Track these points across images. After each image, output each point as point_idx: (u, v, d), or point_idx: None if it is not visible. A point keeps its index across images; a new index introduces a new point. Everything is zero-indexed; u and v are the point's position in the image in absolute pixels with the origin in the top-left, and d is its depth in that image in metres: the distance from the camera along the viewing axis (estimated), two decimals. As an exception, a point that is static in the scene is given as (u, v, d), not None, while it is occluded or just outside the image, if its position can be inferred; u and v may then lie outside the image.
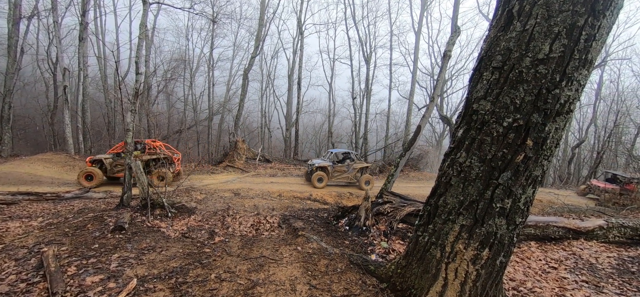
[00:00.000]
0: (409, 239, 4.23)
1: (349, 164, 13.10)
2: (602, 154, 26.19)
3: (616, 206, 13.87)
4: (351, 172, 12.98)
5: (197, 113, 24.08)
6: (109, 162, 10.43)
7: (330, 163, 12.91)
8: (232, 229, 5.35)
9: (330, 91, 28.21)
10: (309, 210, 7.30)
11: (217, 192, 9.92)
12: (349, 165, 13.06)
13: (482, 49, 1.77)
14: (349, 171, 12.96)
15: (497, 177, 1.68)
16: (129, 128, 5.37)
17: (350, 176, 12.99)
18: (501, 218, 1.74)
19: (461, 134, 1.83)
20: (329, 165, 12.70)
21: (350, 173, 12.96)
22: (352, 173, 12.99)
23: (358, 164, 13.24)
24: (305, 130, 34.74)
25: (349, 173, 12.95)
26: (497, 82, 1.63)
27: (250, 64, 19.98)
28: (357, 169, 13.11)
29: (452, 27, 5.13)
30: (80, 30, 15.73)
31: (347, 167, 13.00)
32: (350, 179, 13.05)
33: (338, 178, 12.91)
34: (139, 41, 5.58)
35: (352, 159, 13.46)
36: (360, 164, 13.29)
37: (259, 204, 9.12)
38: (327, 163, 12.80)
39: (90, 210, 5.77)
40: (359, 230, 4.19)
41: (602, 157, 26.32)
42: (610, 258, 5.15)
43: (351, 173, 12.98)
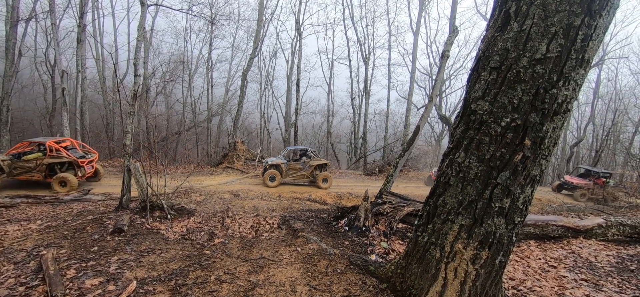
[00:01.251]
0: (408, 239, 4.24)
1: (305, 162, 12.61)
2: (600, 153, 26.27)
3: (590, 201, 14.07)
4: (307, 169, 12.51)
5: (196, 114, 24.07)
6: (7, 163, 9.34)
7: (284, 161, 12.49)
8: (232, 231, 5.34)
9: (329, 92, 28.24)
10: (308, 211, 7.30)
11: (216, 194, 9.91)
12: (304, 162, 12.59)
13: (480, 49, 1.77)
14: (305, 168, 12.51)
15: (495, 177, 1.69)
16: (128, 130, 5.37)
17: (306, 174, 12.52)
18: (500, 217, 1.75)
19: (460, 134, 1.84)
20: (283, 162, 12.30)
21: (306, 170, 12.50)
22: (308, 170, 12.50)
23: (315, 161, 12.69)
24: (305, 131, 34.76)
25: (305, 171, 12.49)
26: (495, 82, 1.64)
27: (249, 65, 19.97)
28: (314, 167, 12.59)
29: (450, 27, 5.15)
30: (79, 32, 15.70)
31: (303, 165, 12.56)
32: (307, 176, 12.59)
33: (293, 176, 12.49)
34: (137, 43, 5.58)
35: (308, 156, 12.92)
36: (317, 161, 12.74)
37: (258, 205, 9.11)
38: (280, 161, 12.37)
39: (89, 212, 5.75)
40: (358, 230, 4.19)
41: (600, 156, 26.40)
42: (610, 256, 5.16)
43: (307, 170, 12.50)
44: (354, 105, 25.69)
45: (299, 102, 22.31)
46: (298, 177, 12.51)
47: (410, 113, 24.88)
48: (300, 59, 19.77)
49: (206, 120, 24.70)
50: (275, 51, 28.44)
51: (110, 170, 14.40)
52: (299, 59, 19.77)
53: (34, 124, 23.86)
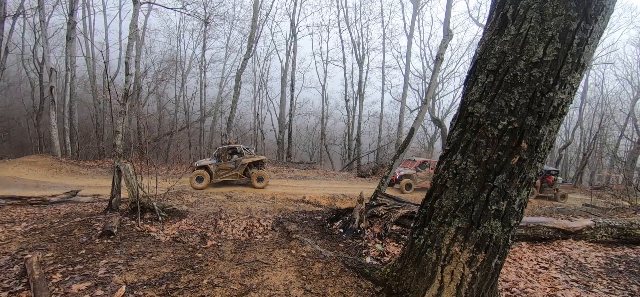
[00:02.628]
0: (404, 241, 4.24)
1: (237, 160, 11.97)
2: (588, 156, 26.91)
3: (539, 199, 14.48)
4: (239, 168, 11.89)
5: (188, 115, 23.80)
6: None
7: (214, 161, 11.88)
8: (225, 233, 5.27)
9: (324, 93, 28.26)
10: (302, 212, 7.26)
11: (209, 195, 9.79)
12: (236, 161, 11.96)
13: (477, 52, 1.78)
14: (237, 167, 11.90)
15: (492, 180, 1.69)
16: (118, 130, 5.25)
17: (239, 173, 11.92)
18: (496, 220, 1.75)
19: (456, 137, 1.84)
20: (212, 163, 11.73)
21: (238, 169, 11.89)
22: (241, 169, 11.90)
23: (247, 158, 12.07)
24: (299, 132, 34.68)
25: (237, 170, 11.89)
26: (492, 85, 1.64)
27: (243, 65, 19.86)
28: (247, 165, 11.98)
29: (444, 31, 5.20)
30: (68, 29, 15.38)
31: (234, 164, 11.93)
32: (240, 175, 11.99)
33: (225, 176, 11.87)
34: (129, 41, 5.47)
35: (240, 153, 12.21)
36: (250, 158, 12.13)
37: (251, 206, 9.03)
38: (209, 162, 11.81)
39: (77, 214, 5.60)
40: (353, 232, 4.17)
41: (588, 159, 27.05)
42: (599, 257, 5.26)
43: (239, 169, 11.89)
44: (348, 107, 25.76)
45: (294, 103, 22.27)
46: (231, 177, 11.93)
47: (404, 115, 25.07)
48: (295, 60, 19.75)
49: (199, 121, 24.44)
50: (269, 52, 28.38)
51: (99, 170, 14.11)
52: (294, 60, 19.75)
53: (20, 122, 23.26)
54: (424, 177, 13.98)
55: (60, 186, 10.39)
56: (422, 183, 13.87)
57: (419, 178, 13.87)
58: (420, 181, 13.88)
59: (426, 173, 14.03)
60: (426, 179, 13.93)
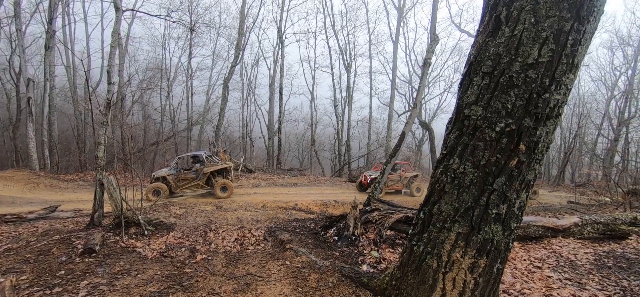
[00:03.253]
0: (401, 247, 4.20)
1: (198, 169, 11.06)
2: (569, 154, 27.89)
3: None
4: (201, 178, 10.99)
5: (175, 124, 23.30)
6: None
7: (173, 171, 10.88)
8: (215, 245, 5.09)
9: (312, 99, 28.30)
10: (294, 220, 7.13)
11: (197, 206, 9.52)
12: (198, 170, 11.05)
13: (471, 55, 1.76)
14: (199, 176, 11.00)
15: (491, 183, 1.66)
16: (100, 141, 5.03)
17: (200, 183, 10.99)
18: (497, 224, 1.72)
19: (453, 140, 1.81)
20: (170, 174, 10.74)
21: (200, 179, 10.97)
22: (203, 179, 11.00)
23: (209, 167, 11.17)
24: (288, 138, 34.50)
25: (199, 179, 10.97)
26: (488, 87, 1.62)
27: (231, 73, 19.66)
28: (209, 174, 11.09)
29: (431, 36, 5.26)
30: (47, 38, 14.85)
31: (196, 173, 11.04)
32: (202, 185, 11.05)
33: (185, 187, 10.89)
34: (112, 49, 5.28)
35: (202, 162, 11.32)
36: (213, 167, 11.24)
37: (242, 216, 8.83)
38: (167, 172, 10.81)
39: (56, 231, 5.30)
40: (348, 240, 4.10)
41: (569, 157, 28.03)
42: (588, 254, 5.36)
43: (201, 179, 10.98)
44: (337, 112, 25.86)
45: (282, 110, 22.16)
46: (192, 188, 11.01)
47: (392, 119, 25.35)
48: (282, 67, 19.70)
49: (186, 130, 23.96)
50: (257, 59, 28.26)
51: (80, 184, 13.55)
52: (282, 67, 19.70)
53: (-5, 136, 22.16)
54: (395, 180, 13.74)
55: (38, 201, 9.88)
56: (393, 186, 13.68)
57: (390, 181, 13.58)
58: (392, 183, 13.66)
59: (397, 176, 13.78)
60: (397, 182, 13.75)
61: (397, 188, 13.83)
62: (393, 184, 13.68)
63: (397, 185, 13.77)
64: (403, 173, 14.00)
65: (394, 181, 13.67)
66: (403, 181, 13.86)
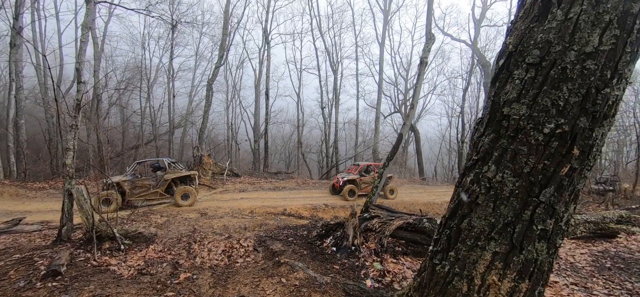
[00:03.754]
0: (403, 256, 3.95)
1: (159, 176, 10.24)
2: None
3: None
4: (161, 185, 10.10)
5: (156, 126, 22.28)
6: None
7: (129, 177, 9.92)
8: (201, 259, 4.66)
9: (299, 101, 27.92)
10: (286, 228, 6.76)
11: (180, 214, 8.95)
12: (158, 177, 10.20)
13: (508, 44, 1.51)
14: (158, 183, 10.10)
15: (537, 194, 1.40)
16: (69, 146, 4.49)
17: (159, 190, 10.09)
18: (542, 242, 1.47)
19: (488, 144, 1.55)
20: (126, 180, 9.77)
21: (159, 186, 10.09)
22: (162, 186, 10.10)
23: (171, 174, 10.34)
24: (274, 141, 33.92)
25: (159, 186, 10.09)
26: (534, 81, 1.37)
27: (215, 74, 19.00)
28: (170, 181, 10.22)
29: (427, 35, 5.11)
30: (12, 35, 13.75)
31: (155, 180, 10.14)
32: (161, 193, 10.17)
33: (142, 195, 9.95)
34: (82, 45, 4.75)
35: (163, 168, 10.53)
36: (175, 174, 10.41)
37: (229, 223, 8.36)
38: (123, 178, 9.86)
39: (16, 249, 4.69)
40: (347, 251, 3.80)
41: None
42: (584, 255, 5.33)
43: (161, 186, 10.10)
44: (324, 114, 25.61)
45: (269, 112, 21.67)
46: (150, 196, 10.10)
47: (379, 121, 25.41)
48: (268, 68, 19.26)
49: (168, 133, 22.98)
50: (242, 60, 27.61)
51: (51, 192, 12.57)
52: (268, 68, 19.26)
53: (-46, 141, 20.39)
54: (368, 182, 13.21)
55: (0, 213, 8.99)
56: (366, 188, 13.12)
57: (363, 183, 13.20)
58: (365, 186, 13.21)
59: (370, 178, 13.29)
60: (371, 184, 12.86)
61: (368, 191, 13.70)
62: (366, 186, 13.21)
63: (370, 187, 13.67)
64: (376, 175, 13.88)
65: (366, 183, 13.25)
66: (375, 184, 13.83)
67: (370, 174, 13.48)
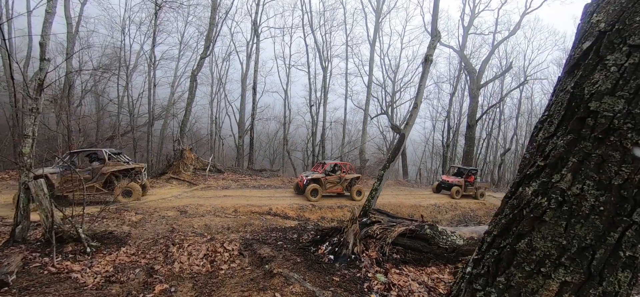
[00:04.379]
0: (406, 265, 3.65)
1: (96, 168, 9.03)
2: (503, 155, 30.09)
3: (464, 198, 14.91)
4: (98, 179, 8.92)
5: (134, 117, 21.03)
6: None
7: (59, 169, 8.52)
8: (179, 265, 4.17)
9: (286, 98, 27.37)
10: (274, 230, 6.33)
11: (158, 211, 8.30)
12: (94, 169, 9.00)
13: (597, 22, 1.20)
14: (95, 177, 8.90)
15: (629, 213, 1.10)
16: (28, 133, 3.86)
17: (96, 185, 8.91)
18: (627, 271, 1.17)
19: (563, 147, 1.23)
20: (55, 172, 8.39)
21: (96, 180, 8.89)
22: (100, 180, 8.95)
23: (112, 166, 9.14)
24: (258, 137, 33.16)
25: (95, 180, 8.89)
26: (638, 68, 1.06)
27: (200, 65, 18.13)
28: (109, 174, 9.05)
29: (432, 32, 4.86)
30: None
31: (91, 172, 8.96)
32: (98, 188, 8.99)
33: (75, 190, 8.03)
34: (47, 15, 4.12)
35: (101, 160, 9.32)
36: (116, 166, 9.22)
37: (211, 223, 7.82)
38: (51, 170, 8.42)
39: (-42, 251, 4.00)
40: (347, 260, 3.45)
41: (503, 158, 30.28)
42: None
43: (98, 180, 8.92)
44: (312, 112, 25.22)
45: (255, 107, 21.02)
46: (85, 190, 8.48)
47: (367, 122, 25.35)
48: (257, 61, 18.64)
49: (147, 124, 21.77)
50: (228, 53, 26.69)
51: (11, 183, 11.43)
52: (256, 62, 18.63)
53: None
54: (334, 182, 12.46)
55: (-52, 205, 7.98)
56: (331, 189, 12.48)
57: (328, 183, 12.34)
58: (330, 186, 12.42)
59: (336, 177, 12.57)
60: (337, 184, 12.51)
61: (336, 191, 12.68)
62: (331, 186, 12.47)
63: (336, 187, 12.57)
64: (343, 174, 12.82)
65: (332, 183, 12.47)
66: (343, 183, 12.66)
67: (336, 174, 12.77)
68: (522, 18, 22.77)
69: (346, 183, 12.79)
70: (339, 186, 12.66)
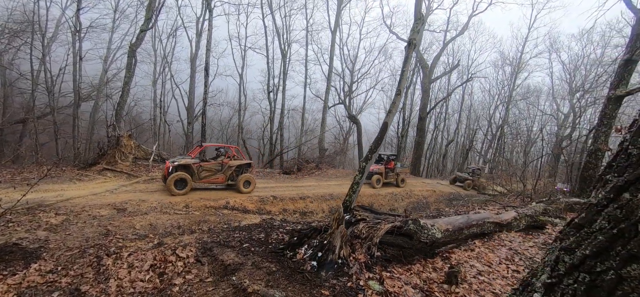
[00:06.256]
0: (396, 265, 3.32)
1: None
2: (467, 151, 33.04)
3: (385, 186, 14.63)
4: None
5: (54, 96, 17.58)
6: None
7: None
8: (117, 283, 3.28)
9: (241, 82, 25.66)
10: (236, 229, 5.58)
11: (87, 210, 6.85)
12: None
13: None
14: None
15: None
16: None
17: None
18: None
19: None
20: None
21: None
22: None
23: None
24: (210, 124, 30.90)
25: None
26: None
27: (140, 38, 15.72)
28: None
29: (416, 15, 4.57)
30: None
31: None
32: None
33: None
34: None
35: None
36: None
37: (157, 222, 6.73)
38: None
39: None
40: (333, 267, 2.98)
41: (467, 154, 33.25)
42: (534, 247, 5.65)
43: None
44: (270, 99, 24.11)
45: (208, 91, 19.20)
46: None
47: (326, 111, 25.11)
48: (209, 40, 16.86)
49: (72, 106, 18.44)
50: (175, 28, 23.92)
51: None
52: (209, 40, 16.84)
53: None
54: (211, 170, 10.00)
55: None
56: (210, 178, 10.04)
57: (204, 170, 9.89)
58: (207, 174, 9.96)
59: (217, 163, 10.20)
60: (218, 173, 10.12)
61: (217, 181, 10.23)
62: (209, 175, 10.00)
63: (217, 176, 10.15)
64: (227, 160, 10.40)
65: (209, 171, 9.96)
66: (227, 171, 10.29)
67: (218, 159, 10.42)
68: (470, 19, 24.44)
69: (231, 171, 10.44)
70: (221, 174, 10.25)
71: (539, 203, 8.79)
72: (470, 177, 18.07)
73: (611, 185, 1.11)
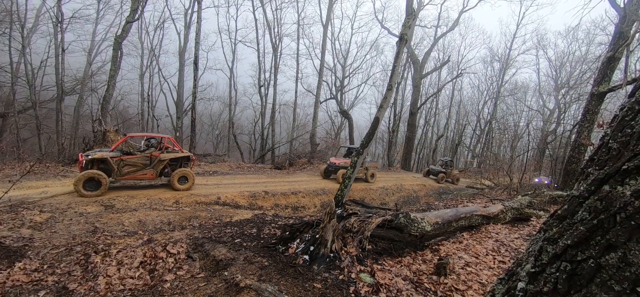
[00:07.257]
0: (388, 258, 3.38)
1: None
2: (457, 145, 33.64)
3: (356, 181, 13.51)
4: None
5: (35, 90, 16.97)
6: None
7: None
8: (106, 280, 3.24)
9: (232, 77, 25.34)
10: (228, 224, 5.55)
11: (73, 207, 6.70)
12: None
13: None
14: None
15: None
16: None
17: None
18: None
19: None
20: None
21: None
22: None
23: None
24: (200, 119, 30.46)
25: None
26: None
27: (126, 30, 15.27)
28: None
29: (407, 10, 4.58)
30: None
31: None
32: None
33: None
34: None
35: None
36: None
37: (147, 218, 6.65)
38: None
39: None
40: (326, 260, 3.01)
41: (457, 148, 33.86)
42: (519, 239, 5.82)
43: None
44: (261, 93, 23.88)
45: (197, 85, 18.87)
46: None
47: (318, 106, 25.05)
48: (199, 32, 16.52)
49: (55, 100, 17.83)
50: (163, 20, 23.32)
51: None
52: (198, 33, 16.50)
53: None
54: (135, 165, 8.48)
55: None
56: (135, 174, 8.56)
57: (126, 165, 8.32)
58: (129, 169, 8.42)
59: (141, 157, 8.63)
60: (146, 168, 8.65)
61: (143, 177, 8.74)
62: (134, 171, 8.52)
63: (145, 172, 8.69)
64: (157, 154, 8.89)
65: (133, 166, 8.46)
66: (157, 166, 8.83)
67: (147, 152, 8.91)
68: (460, 15, 24.67)
69: (161, 166, 8.98)
70: (150, 169, 8.80)
71: (525, 196, 9.05)
72: (443, 170, 18.33)
73: (592, 178, 1.16)
